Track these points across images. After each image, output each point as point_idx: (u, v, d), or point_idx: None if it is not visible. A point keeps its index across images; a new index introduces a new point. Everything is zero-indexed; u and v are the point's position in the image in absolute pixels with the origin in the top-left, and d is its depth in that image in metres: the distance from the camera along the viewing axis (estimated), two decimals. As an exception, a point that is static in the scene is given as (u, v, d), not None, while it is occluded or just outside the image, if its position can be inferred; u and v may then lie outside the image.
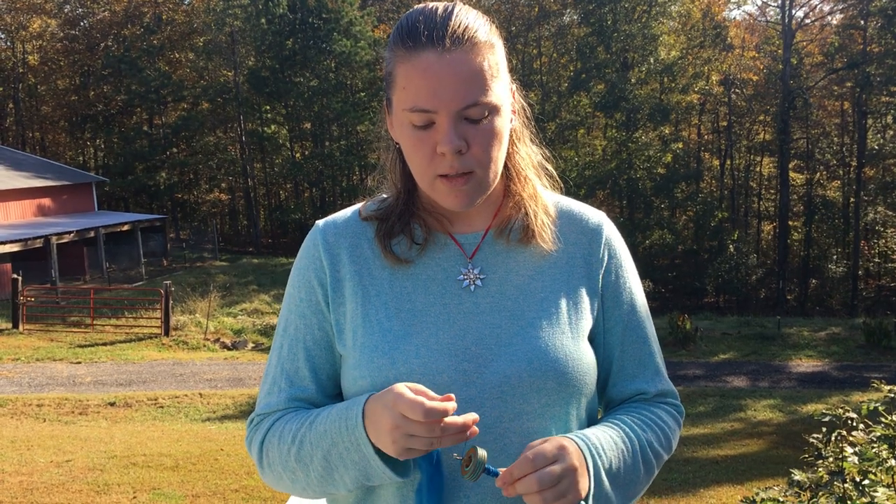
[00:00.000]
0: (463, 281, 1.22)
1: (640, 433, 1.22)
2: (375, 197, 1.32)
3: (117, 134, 42.07)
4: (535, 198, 1.27)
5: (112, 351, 17.12)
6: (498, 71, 1.16)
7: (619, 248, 1.31)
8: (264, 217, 44.61)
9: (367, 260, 1.25)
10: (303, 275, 1.28)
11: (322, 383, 1.26)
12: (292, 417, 1.22)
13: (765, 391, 14.47)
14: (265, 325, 19.87)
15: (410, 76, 1.13)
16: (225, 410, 12.53)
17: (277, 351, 1.29)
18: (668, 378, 1.34)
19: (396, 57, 1.15)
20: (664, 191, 37.23)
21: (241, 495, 7.64)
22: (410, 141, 1.16)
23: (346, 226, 1.29)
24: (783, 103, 36.50)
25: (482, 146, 1.14)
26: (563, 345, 1.19)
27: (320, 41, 37.33)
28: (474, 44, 1.12)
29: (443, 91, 1.11)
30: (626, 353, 1.29)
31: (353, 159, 38.83)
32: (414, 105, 1.13)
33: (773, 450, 10.81)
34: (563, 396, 1.18)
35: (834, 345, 18.73)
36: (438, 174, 1.15)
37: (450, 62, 1.11)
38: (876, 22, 35.25)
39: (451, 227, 1.26)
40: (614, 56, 37.09)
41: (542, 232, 1.24)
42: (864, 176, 37.34)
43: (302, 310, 1.27)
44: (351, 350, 1.22)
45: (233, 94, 40.28)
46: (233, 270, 30.05)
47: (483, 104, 1.12)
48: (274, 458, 1.21)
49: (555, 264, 1.25)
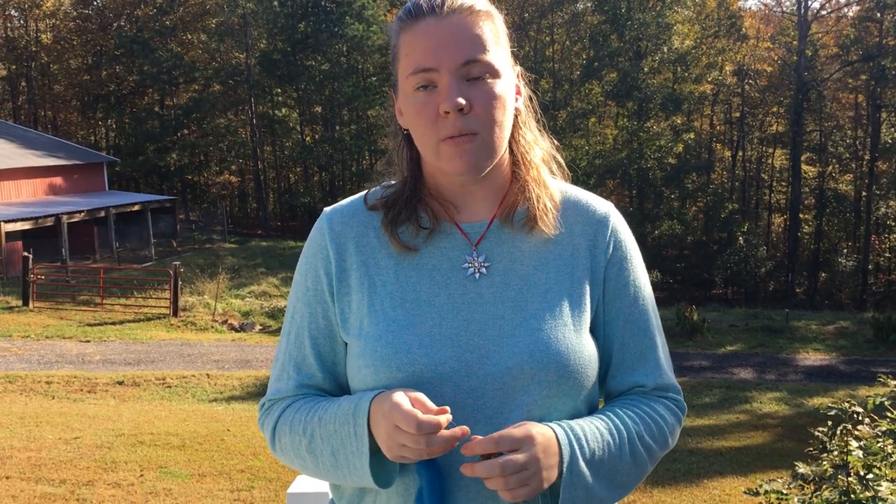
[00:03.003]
0: (468, 269, 1.23)
1: (631, 425, 1.22)
2: (382, 183, 1.33)
3: (129, 114, 42.13)
4: (541, 183, 1.27)
5: (121, 330, 17.22)
6: (497, 39, 1.19)
7: (626, 239, 1.31)
8: (273, 200, 44.68)
9: (374, 249, 1.26)
10: (309, 263, 1.30)
11: (329, 370, 1.28)
12: (302, 406, 1.25)
13: (771, 384, 14.45)
14: (273, 308, 19.93)
15: (411, 42, 1.17)
16: (232, 391, 12.60)
17: (286, 337, 1.32)
18: (670, 373, 1.33)
19: (399, 30, 1.20)
20: (675, 181, 37.08)
21: (246, 475, 7.70)
22: (415, 108, 1.18)
23: (353, 215, 1.30)
24: (797, 95, 36.25)
25: (484, 106, 1.16)
26: (564, 337, 1.19)
27: (332, 25, 37.22)
28: (472, 11, 1.17)
29: (442, 49, 1.14)
30: (626, 346, 1.29)
31: (363, 144, 38.80)
32: (416, 66, 1.16)
33: (778, 442, 10.80)
34: (563, 388, 1.18)
35: (842, 339, 18.67)
36: (442, 137, 1.16)
37: (449, 24, 1.16)
38: (892, 15, 34.93)
39: (458, 216, 1.26)
40: (627, 44, 36.87)
41: (543, 216, 1.24)
42: (877, 170, 37.09)
43: (308, 298, 1.29)
44: (356, 339, 1.23)
45: (244, 76, 40.26)
46: (241, 253, 30.13)
47: (483, 62, 1.15)
48: (286, 444, 1.26)
49: (560, 254, 1.25)
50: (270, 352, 15.70)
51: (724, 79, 40.26)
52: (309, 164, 41.65)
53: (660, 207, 37.04)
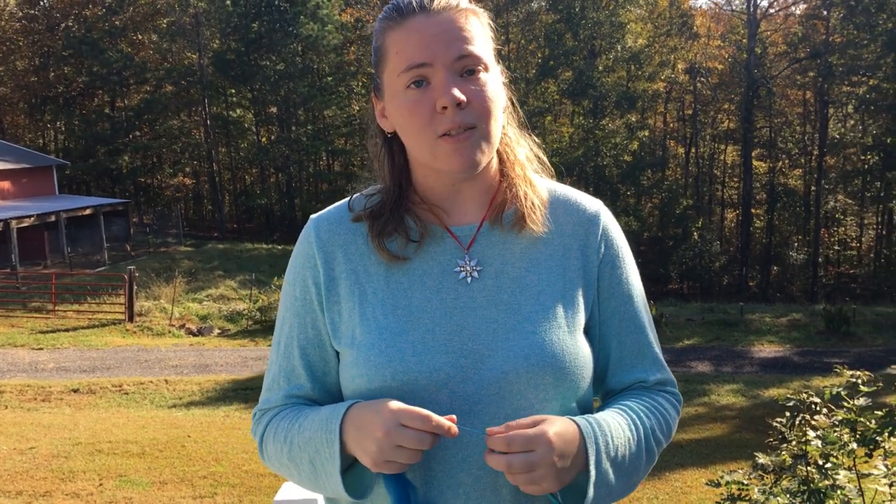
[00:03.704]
0: (460, 273, 1.21)
1: (646, 420, 1.22)
2: (365, 190, 1.30)
3: (78, 116, 41.26)
4: (528, 182, 1.27)
5: (75, 337, 16.88)
6: (485, 36, 1.19)
7: (617, 237, 1.30)
8: (230, 202, 44.15)
9: (363, 256, 1.24)
10: (297, 273, 1.28)
11: (319, 379, 1.27)
12: (287, 415, 1.25)
13: (728, 376, 14.71)
14: (231, 311, 19.70)
15: (402, 39, 1.16)
16: (191, 397, 12.44)
17: (276, 348, 1.31)
18: (666, 366, 1.34)
19: (386, 29, 1.19)
20: (630, 178, 37.54)
21: (209, 482, 7.61)
22: (407, 106, 1.16)
23: (340, 222, 1.27)
24: (747, 92, 36.94)
25: (480, 100, 1.15)
26: (559, 339, 1.19)
27: (287, 24, 36.90)
28: (460, 9, 1.17)
29: (435, 45, 1.14)
30: (623, 344, 1.29)
31: (320, 144, 38.55)
32: (409, 62, 1.15)
33: (736, 433, 11.01)
34: (560, 391, 1.18)
35: (795, 331, 19.08)
36: (440, 134, 1.15)
37: (439, 20, 1.15)
38: (838, 12, 35.76)
39: (447, 220, 1.25)
40: (582, 43, 37.22)
41: (531, 214, 1.23)
42: (825, 165, 37.98)
43: (296, 308, 1.27)
44: (348, 348, 1.22)
45: (197, 76, 39.70)
46: (198, 256, 29.73)
47: (476, 57, 1.15)
48: (271, 453, 1.26)
49: (551, 255, 1.25)
50: (230, 355, 15.53)
51: (677, 77, 40.87)
52: (265, 165, 41.24)
53: (616, 204, 37.43)
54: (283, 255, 30.50)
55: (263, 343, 16.82)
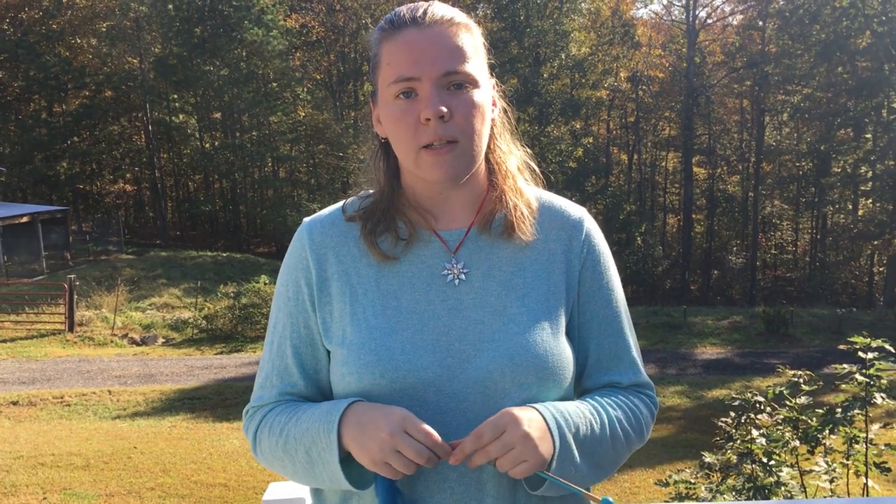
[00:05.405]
0: (447, 276, 1.26)
1: (610, 409, 1.27)
2: (359, 193, 1.35)
3: (14, 122, 40.07)
4: (517, 191, 1.31)
5: (12, 348, 16.40)
6: (476, 51, 1.24)
7: (599, 243, 1.36)
8: (172, 209, 43.37)
9: (354, 258, 1.29)
10: (290, 273, 1.32)
11: (311, 378, 1.31)
12: (282, 410, 1.28)
13: (672, 378, 14.99)
14: (176, 320, 19.35)
15: (393, 51, 1.20)
16: (136, 407, 12.20)
17: (269, 347, 1.34)
18: (643, 371, 1.38)
19: (381, 40, 1.23)
20: (575, 184, 38.01)
21: (157, 493, 7.49)
22: (395, 115, 1.21)
23: (333, 225, 1.32)
24: (687, 100, 37.79)
25: (464, 115, 1.19)
26: (543, 340, 1.23)
27: (230, 29, 36.43)
28: (453, 23, 1.22)
29: (424, 59, 1.18)
30: (602, 347, 1.33)
31: (265, 150, 38.11)
32: (398, 75, 1.19)
33: (682, 434, 11.24)
34: (542, 390, 1.23)
35: (736, 333, 19.55)
36: (423, 145, 1.19)
37: (430, 35, 1.19)
38: (774, 23, 36.78)
39: (436, 224, 1.30)
40: (527, 51, 37.61)
41: (520, 224, 1.28)
42: (762, 171, 39.04)
43: (289, 308, 1.31)
44: (339, 347, 1.26)
45: (138, 81, 38.91)
46: (140, 264, 29.11)
47: (462, 73, 1.20)
48: (266, 447, 1.29)
49: (536, 259, 1.30)
50: (175, 365, 15.26)
51: (620, 85, 41.58)
52: (209, 171, 40.61)
53: (561, 210, 37.84)
54: (228, 262, 30.08)
55: (210, 352, 16.56)
